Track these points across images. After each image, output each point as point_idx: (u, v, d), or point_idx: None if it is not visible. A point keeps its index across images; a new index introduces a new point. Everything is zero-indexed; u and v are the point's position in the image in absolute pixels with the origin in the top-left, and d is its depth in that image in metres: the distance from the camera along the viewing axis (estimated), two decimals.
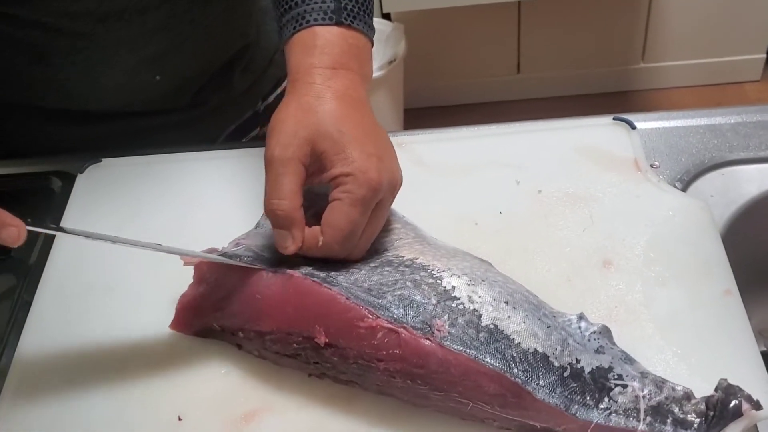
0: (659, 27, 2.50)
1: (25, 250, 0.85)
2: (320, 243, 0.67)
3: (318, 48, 0.71)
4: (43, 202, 0.90)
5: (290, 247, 0.67)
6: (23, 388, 0.73)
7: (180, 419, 0.70)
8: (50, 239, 0.85)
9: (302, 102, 0.68)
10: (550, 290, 0.72)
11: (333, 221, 0.66)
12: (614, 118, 0.89)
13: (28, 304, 0.80)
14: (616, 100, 2.61)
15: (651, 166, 0.85)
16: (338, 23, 0.71)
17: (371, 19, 0.75)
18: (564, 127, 0.90)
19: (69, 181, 0.91)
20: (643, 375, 0.63)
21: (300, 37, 0.72)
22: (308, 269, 0.67)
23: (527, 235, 0.79)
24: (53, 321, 0.78)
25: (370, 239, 0.70)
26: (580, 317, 0.66)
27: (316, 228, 0.67)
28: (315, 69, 0.70)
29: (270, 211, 0.66)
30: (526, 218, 0.80)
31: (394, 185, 0.68)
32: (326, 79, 0.69)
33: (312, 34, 0.71)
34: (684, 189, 0.83)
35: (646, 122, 0.89)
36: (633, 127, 0.87)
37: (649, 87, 2.65)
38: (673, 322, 0.71)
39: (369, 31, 0.74)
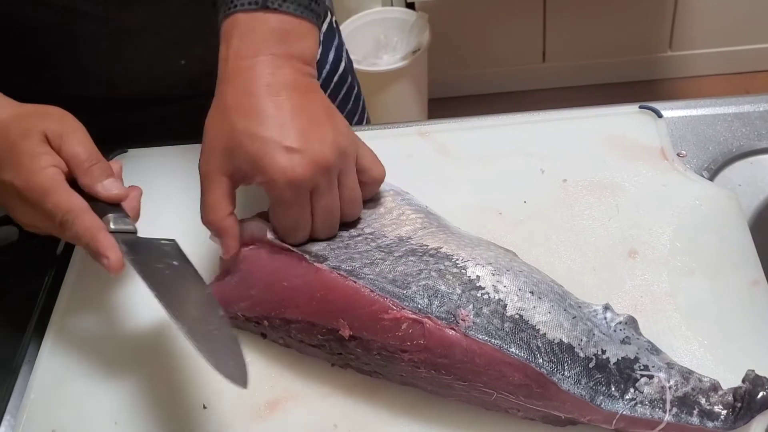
0: (686, 14, 2.47)
1: (52, 238, 0.86)
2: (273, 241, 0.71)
3: (236, 37, 0.70)
4: None
5: (224, 255, 0.72)
6: (51, 378, 0.74)
7: (205, 407, 0.70)
8: None
9: (218, 106, 0.69)
10: (575, 280, 0.71)
11: (276, 222, 0.71)
12: (640, 107, 0.88)
13: (55, 293, 0.81)
14: (643, 89, 2.58)
15: (678, 154, 0.84)
16: (264, 8, 0.69)
17: (312, 1, 0.72)
18: (590, 116, 0.89)
19: None
20: (670, 366, 0.62)
21: (225, 26, 0.71)
22: (335, 261, 0.68)
23: (552, 225, 0.78)
24: (79, 310, 0.79)
25: (334, 216, 0.70)
26: (606, 308, 0.66)
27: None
28: (230, 61, 0.69)
29: (204, 224, 0.71)
30: (551, 207, 0.80)
31: (325, 166, 0.67)
32: (241, 72, 0.69)
33: (233, 23, 0.70)
34: (711, 178, 0.82)
35: (672, 110, 0.88)
36: (659, 116, 0.87)
37: (677, 75, 2.62)
38: (700, 313, 0.70)
39: (304, 12, 0.71)
